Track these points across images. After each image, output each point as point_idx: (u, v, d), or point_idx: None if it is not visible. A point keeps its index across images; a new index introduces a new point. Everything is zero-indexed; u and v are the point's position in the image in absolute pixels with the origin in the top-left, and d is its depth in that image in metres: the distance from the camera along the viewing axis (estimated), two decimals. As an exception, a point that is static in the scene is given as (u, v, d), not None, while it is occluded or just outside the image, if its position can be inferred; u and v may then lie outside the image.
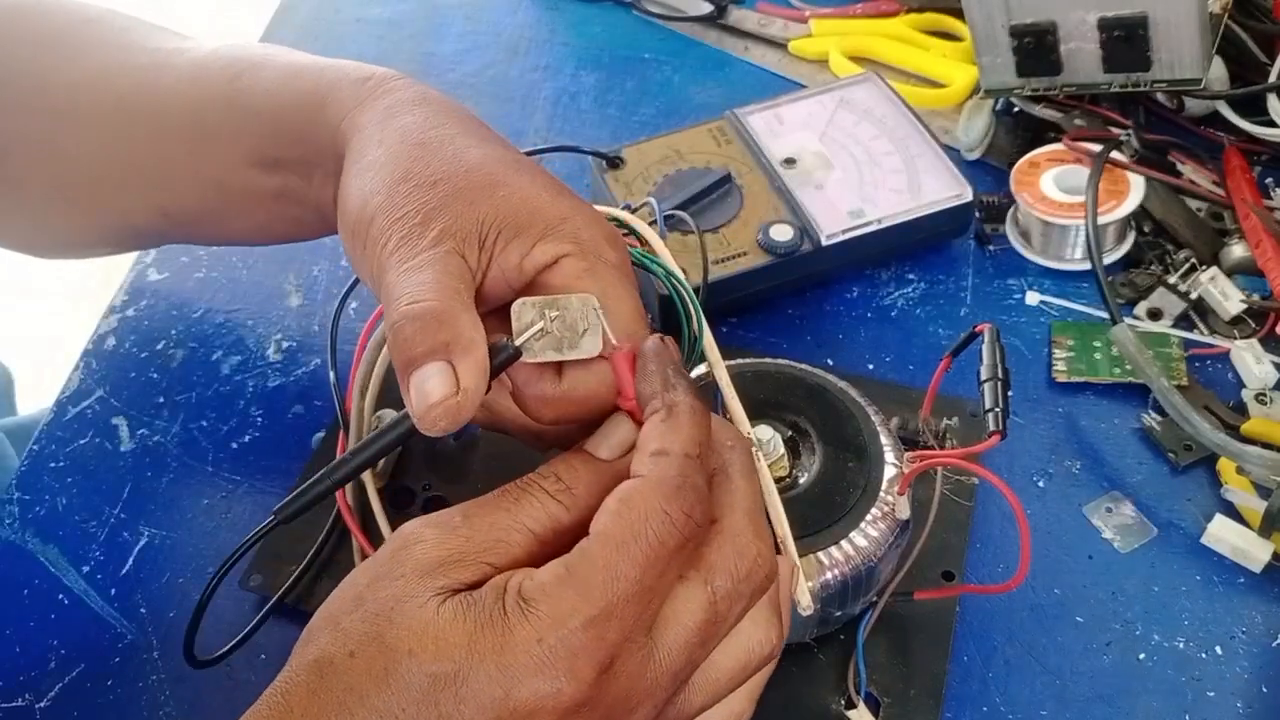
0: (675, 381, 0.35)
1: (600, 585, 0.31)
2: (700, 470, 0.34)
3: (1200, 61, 0.56)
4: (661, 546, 0.32)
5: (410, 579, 0.32)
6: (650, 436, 0.34)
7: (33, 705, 0.46)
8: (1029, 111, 0.63)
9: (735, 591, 0.33)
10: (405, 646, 0.31)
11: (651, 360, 0.36)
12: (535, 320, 0.36)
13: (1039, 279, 0.58)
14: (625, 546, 0.32)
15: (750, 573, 0.33)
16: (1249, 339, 0.53)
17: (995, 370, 0.42)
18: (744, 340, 0.57)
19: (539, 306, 0.37)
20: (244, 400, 0.56)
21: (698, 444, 0.34)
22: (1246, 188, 0.58)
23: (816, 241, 0.56)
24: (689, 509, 0.32)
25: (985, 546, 0.48)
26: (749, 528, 0.34)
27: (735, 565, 0.33)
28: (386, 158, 0.40)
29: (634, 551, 0.31)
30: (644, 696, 0.32)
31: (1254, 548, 0.47)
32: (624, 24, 0.77)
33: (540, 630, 0.30)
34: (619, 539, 0.32)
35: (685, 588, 0.33)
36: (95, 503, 0.52)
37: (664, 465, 0.33)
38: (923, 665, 0.44)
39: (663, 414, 0.34)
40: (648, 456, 0.33)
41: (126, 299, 0.61)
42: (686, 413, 0.34)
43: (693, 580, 0.33)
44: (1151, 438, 0.51)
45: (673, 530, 0.32)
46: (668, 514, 0.32)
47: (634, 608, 0.31)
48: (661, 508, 0.32)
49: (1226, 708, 0.43)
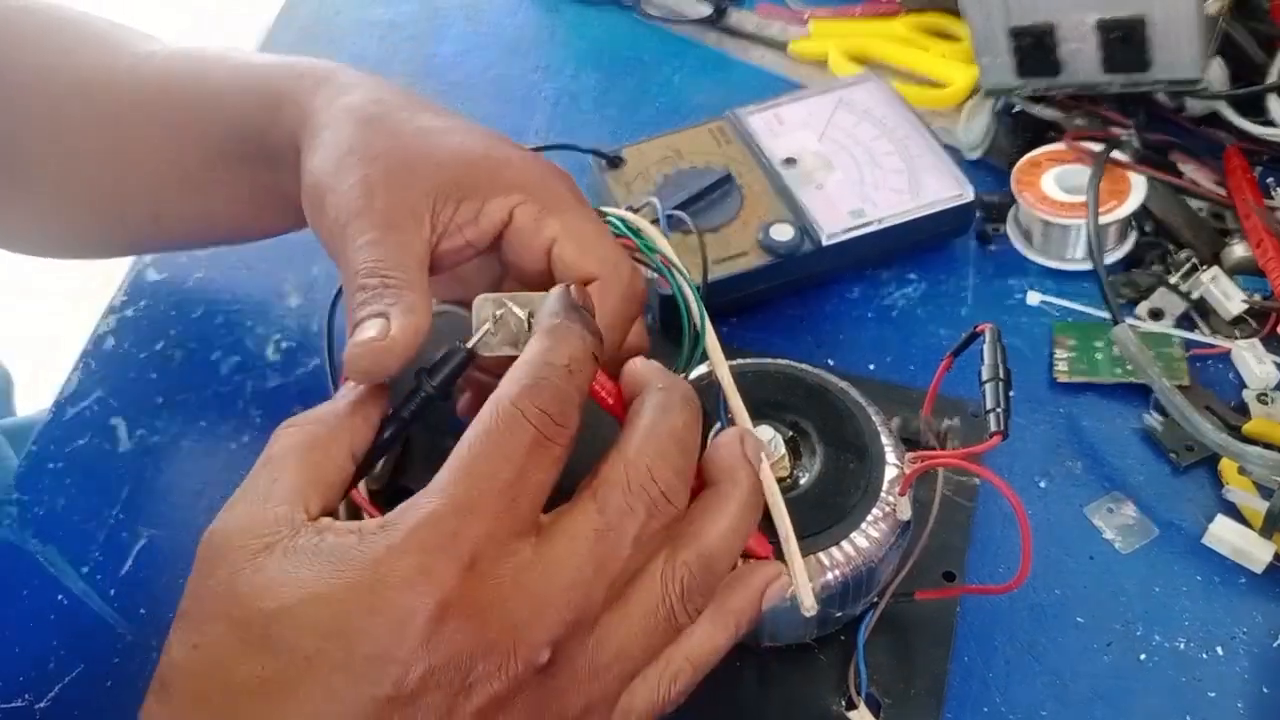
0: (564, 312, 0.35)
1: (452, 484, 0.31)
2: (569, 380, 0.33)
3: (1198, 62, 0.56)
4: (514, 440, 0.31)
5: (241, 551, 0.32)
6: (522, 356, 0.34)
7: (32, 705, 0.46)
8: (1029, 111, 0.63)
9: (625, 504, 0.32)
10: None
11: (552, 298, 0.36)
12: (489, 317, 0.37)
13: (1040, 279, 0.58)
14: (477, 444, 0.31)
15: (642, 485, 0.32)
16: (1250, 339, 0.53)
17: (996, 370, 0.41)
18: (744, 340, 0.56)
19: (496, 302, 0.37)
20: (243, 400, 0.56)
21: (568, 357, 0.33)
22: (1247, 187, 0.58)
23: (817, 241, 0.56)
24: (543, 405, 0.32)
25: (986, 547, 0.48)
26: (650, 445, 0.33)
27: (624, 476, 0.32)
28: (333, 137, 0.42)
29: (485, 447, 0.31)
30: (532, 613, 0.30)
31: (1255, 548, 0.47)
32: (624, 26, 0.77)
33: (392, 538, 0.30)
34: (470, 440, 0.32)
35: (573, 503, 0.32)
36: (95, 503, 0.52)
37: (522, 369, 0.33)
38: (923, 666, 0.44)
39: (540, 333, 0.34)
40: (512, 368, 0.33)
41: (126, 299, 0.61)
42: (561, 331, 0.34)
43: (581, 496, 0.33)
44: (1153, 438, 0.51)
45: (524, 424, 0.31)
46: (517, 408, 0.32)
47: (492, 502, 0.30)
48: (512, 403, 0.32)
49: (1227, 708, 0.43)
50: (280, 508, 0.32)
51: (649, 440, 0.34)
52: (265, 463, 0.34)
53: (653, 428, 0.34)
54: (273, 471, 0.33)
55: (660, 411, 0.35)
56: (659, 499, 0.33)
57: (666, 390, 0.35)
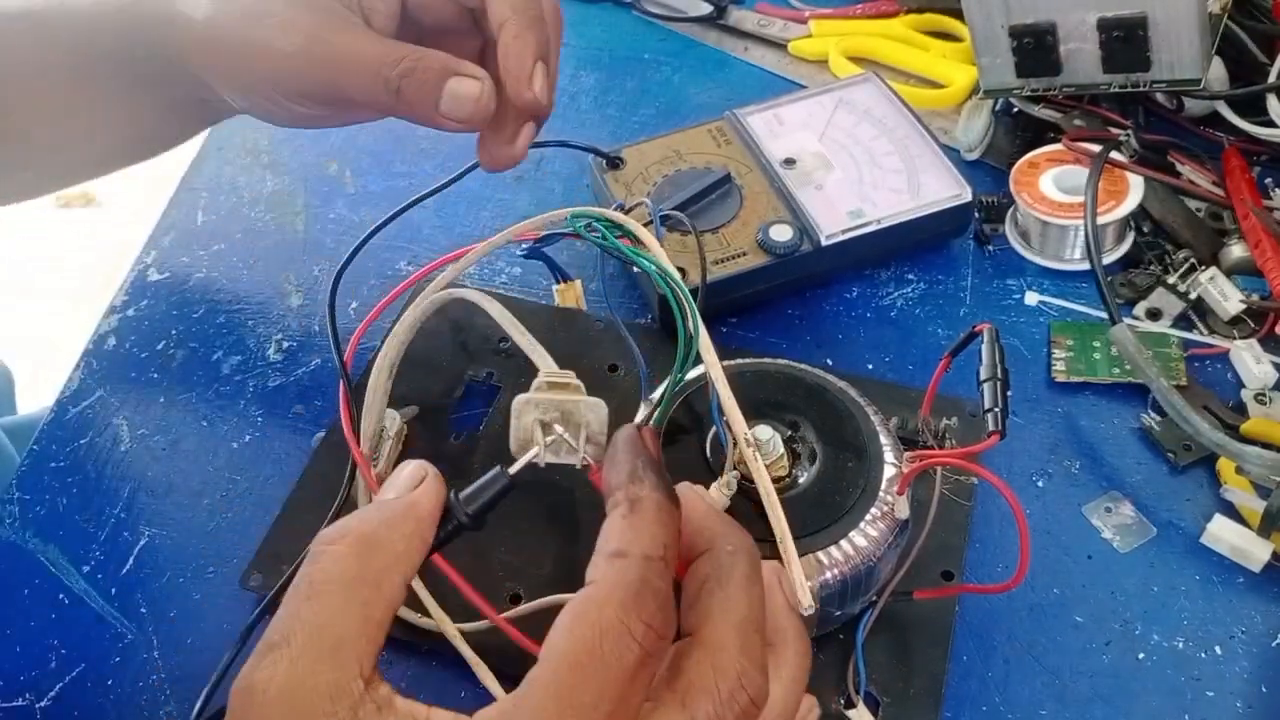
0: (644, 475, 0.32)
1: (550, 714, 0.27)
2: (665, 574, 0.30)
3: (1200, 62, 0.56)
4: (619, 664, 0.28)
5: None
6: (608, 536, 0.31)
7: (33, 705, 0.46)
8: (1028, 112, 0.63)
9: (716, 717, 0.29)
10: None
11: (622, 449, 0.33)
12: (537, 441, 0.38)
13: (1038, 279, 0.58)
14: (576, 667, 0.28)
15: (733, 694, 0.29)
16: (1248, 339, 0.53)
17: (995, 370, 0.42)
18: (744, 340, 0.57)
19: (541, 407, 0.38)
20: (244, 400, 0.56)
21: (662, 544, 0.30)
22: (1246, 188, 0.58)
23: (816, 241, 0.56)
24: (649, 618, 0.29)
25: (985, 546, 0.48)
26: (734, 641, 0.30)
27: (715, 684, 0.29)
28: None
29: (587, 672, 0.28)
30: None
31: (1253, 547, 0.47)
32: (624, 24, 0.77)
33: None
34: (569, 659, 0.28)
35: (658, 714, 0.29)
36: (95, 502, 0.52)
37: (620, 569, 0.29)
38: (922, 665, 0.44)
39: (624, 509, 0.31)
40: (604, 559, 0.30)
41: (127, 299, 0.61)
42: (651, 509, 0.31)
43: (667, 704, 0.29)
44: (1151, 438, 0.51)
45: (631, 644, 0.28)
46: (624, 625, 0.28)
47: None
48: (618, 618, 0.28)
49: (1226, 707, 0.43)
50: (333, 673, 0.28)
51: (734, 634, 0.30)
52: (309, 595, 0.30)
53: (734, 616, 0.31)
54: (319, 611, 0.29)
55: (738, 590, 0.31)
56: (748, 706, 0.30)
57: (735, 554, 0.32)
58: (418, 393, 0.53)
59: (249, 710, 0.28)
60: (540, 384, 0.40)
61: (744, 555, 0.32)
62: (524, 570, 0.46)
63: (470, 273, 0.60)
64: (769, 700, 0.31)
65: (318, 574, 0.30)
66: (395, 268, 0.61)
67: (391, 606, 0.30)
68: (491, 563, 0.47)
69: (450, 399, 0.54)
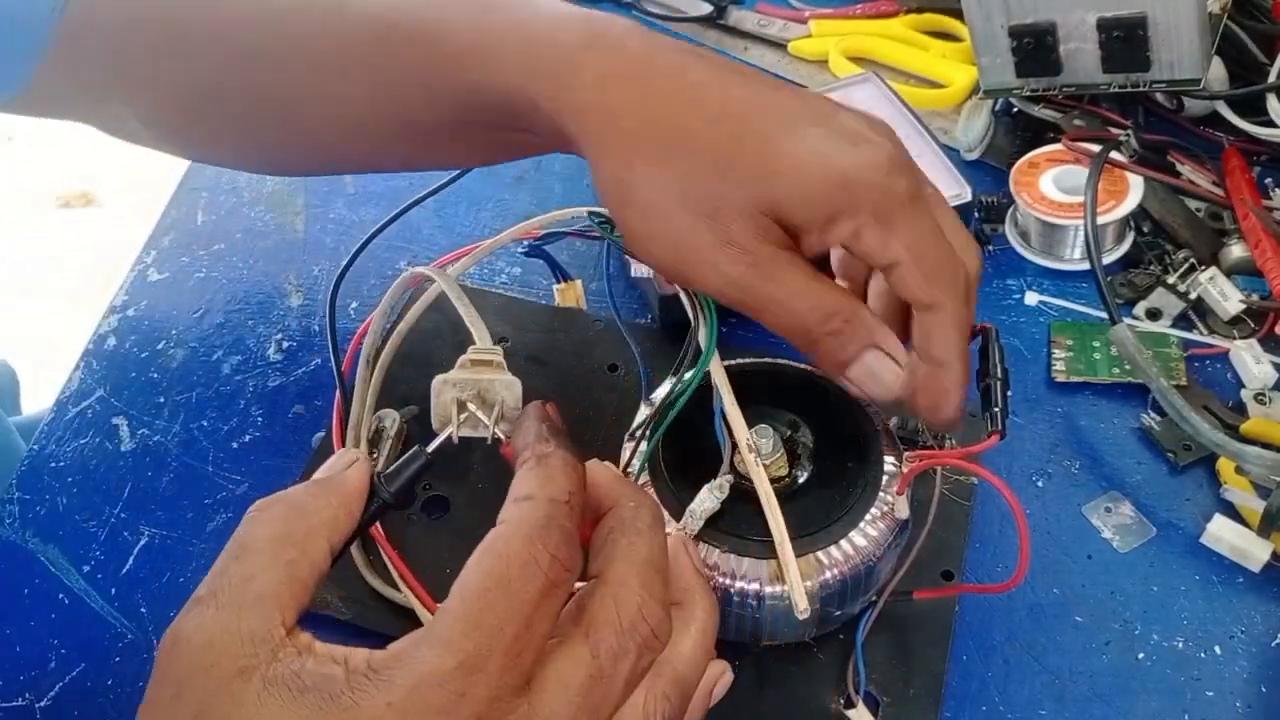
0: (549, 437, 0.34)
1: (459, 636, 0.29)
2: (570, 515, 0.32)
3: (1200, 62, 0.56)
4: (524, 590, 0.30)
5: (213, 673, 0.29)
6: (516, 484, 0.33)
7: (33, 705, 0.46)
8: (1028, 112, 0.63)
9: (618, 646, 0.31)
10: None
11: (528, 418, 0.36)
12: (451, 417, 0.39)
13: (1038, 279, 0.58)
14: (484, 593, 0.29)
15: (633, 624, 0.31)
16: (1248, 339, 0.53)
17: (995, 370, 0.42)
18: (744, 340, 0.57)
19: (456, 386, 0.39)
20: (244, 400, 0.56)
21: (567, 491, 0.32)
22: (1246, 188, 0.58)
23: (816, 241, 0.56)
24: (553, 548, 0.30)
25: (984, 546, 0.48)
26: (635, 578, 0.32)
27: (616, 616, 0.31)
28: (633, 142, 0.38)
29: (494, 597, 0.29)
30: None
31: (1253, 547, 0.47)
32: (624, 24, 0.77)
33: (391, 693, 0.28)
34: (478, 587, 0.30)
35: (564, 646, 0.31)
36: (96, 502, 0.52)
37: (527, 508, 0.32)
38: (922, 664, 0.44)
39: (531, 463, 0.33)
40: (512, 503, 0.32)
41: (127, 299, 0.61)
42: (557, 462, 0.33)
43: (572, 637, 0.31)
44: (1151, 437, 0.51)
45: (536, 572, 0.30)
46: (529, 555, 0.30)
47: (500, 658, 0.29)
48: (522, 550, 0.30)
49: (1226, 707, 0.43)
50: (255, 621, 0.30)
51: (635, 572, 0.32)
52: (237, 554, 0.31)
53: (635, 556, 0.33)
54: (245, 567, 0.31)
55: (639, 536, 0.34)
56: (649, 638, 0.32)
57: (638, 508, 0.34)
58: (418, 393, 0.53)
59: (173, 657, 0.29)
60: (464, 360, 0.40)
61: (645, 509, 0.35)
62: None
63: (471, 272, 0.60)
64: (678, 653, 0.33)
65: (246, 536, 0.32)
66: (395, 268, 0.61)
67: (316, 569, 0.32)
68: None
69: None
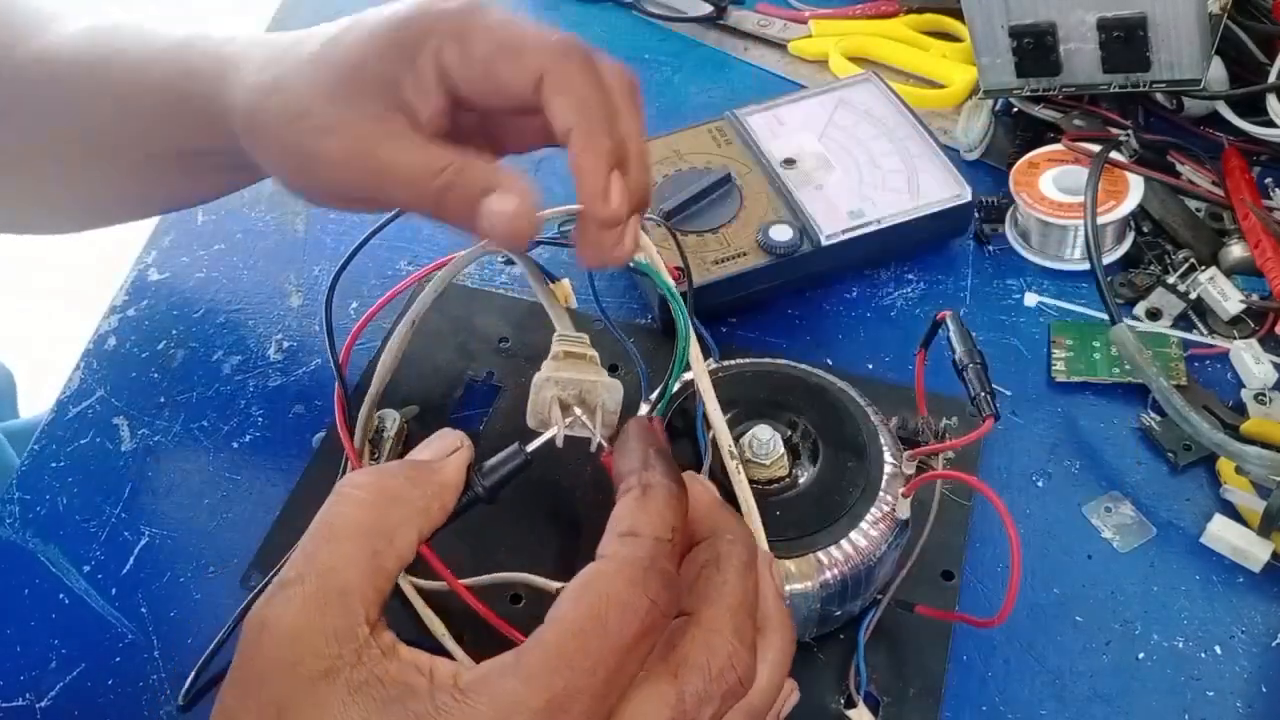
0: (654, 462, 0.33)
1: (549, 673, 0.28)
2: (672, 555, 0.32)
3: (1200, 62, 0.56)
4: (621, 634, 0.29)
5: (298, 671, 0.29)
6: (620, 516, 0.32)
7: (33, 705, 0.46)
8: (1028, 112, 0.63)
9: (705, 692, 0.30)
10: None
11: (632, 438, 0.34)
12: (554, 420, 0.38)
13: (1038, 279, 0.58)
14: (580, 634, 0.29)
15: (722, 671, 0.31)
16: (1248, 339, 0.53)
17: (970, 355, 0.42)
18: (744, 340, 0.57)
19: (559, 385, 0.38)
20: (244, 400, 0.56)
21: (671, 527, 0.32)
22: (1245, 188, 0.58)
23: (816, 241, 0.56)
24: (654, 594, 0.30)
25: (985, 545, 0.48)
26: (729, 624, 0.32)
27: (708, 662, 0.31)
28: None
29: (590, 639, 0.29)
30: None
31: (1253, 547, 0.47)
32: (624, 24, 0.77)
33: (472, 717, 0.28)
34: (574, 625, 0.29)
35: (650, 684, 0.30)
36: (96, 502, 0.52)
37: (631, 547, 0.31)
38: (922, 664, 0.44)
39: (636, 493, 0.32)
40: (615, 537, 0.31)
41: (127, 299, 0.61)
42: (662, 494, 0.32)
43: (659, 675, 0.30)
44: (1151, 437, 0.51)
45: (634, 617, 0.29)
46: (630, 599, 0.30)
47: (587, 701, 0.29)
48: (624, 592, 0.30)
49: (1226, 707, 0.43)
50: (339, 617, 0.30)
51: (729, 617, 0.32)
52: (327, 537, 0.31)
53: (730, 600, 0.32)
54: (333, 555, 0.31)
55: (735, 576, 0.33)
56: (735, 685, 0.31)
57: (734, 543, 0.34)
58: (418, 393, 0.53)
59: (259, 645, 0.30)
60: (557, 352, 0.39)
61: (741, 544, 0.34)
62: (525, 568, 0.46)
63: (469, 272, 0.60)
64: (756, 687, 0.32)
65: (336, 519, 0.32)
66: (395, 268, 0.61)
67: (402, 560, 0.32)
68: (492, 561, 0.47)
69: (450, 399, 0.54)
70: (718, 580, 0.33)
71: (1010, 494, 0.50)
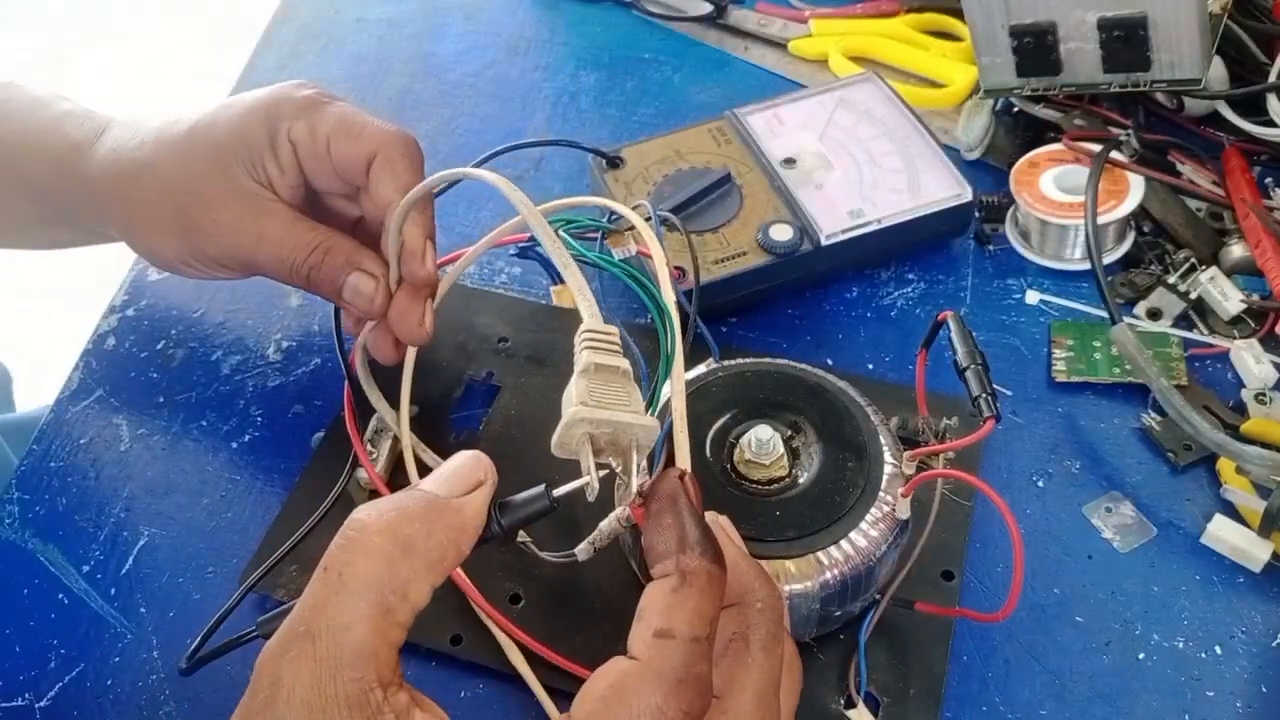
0: (693, 539, 0.32)
1: None
2: (707, 654, 0.31)
3: (1200, 61, 0.56)
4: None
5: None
6: (656, 609, 0.31)
7: (33, 705, 0.46)
8: (1029, 111, 0.63)
9: None
10: None
11: (668, 506, 0.33)
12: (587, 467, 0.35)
13: (1039, 279, 0.58)
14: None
15: None
16: (1249, 339, 0.53)
17: (971, 356, 0.42)
18: (744, 340, 0.57)
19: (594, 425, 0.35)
20: (244, 400, 0.56)
21: (708, 621, 0.31)
22: (1246, 188, 0.58)
23: (816, 241, 0.56)
24: (688, 705, 0.29)
25: (985, 546, 0.48)
26: (756, 712, 0.31)
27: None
28: None
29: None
30: None
31: (1253, 547, 0.47)
32: (624, 24, 0.77)
33: None
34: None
35: None
36: (95, 502, 0.52)
37: (667, 653, 0.30)
38: (922, 665, 0.44)
39: (674, 582, 0.31)
40: (651, 636, 0.30)
41: (126, 299, 0.61)
42: (701, 582, 0.31)
43: None
44: (1151, 437, 0.51)
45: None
46: (663, 711, 0.29)
47: None
48: (658, 705, 0.29)
49: (1226, 707, 0.43)
50: (353, 684, 0.29)
51: (757, 704, 0.31)
52: (336, 588, 0.30)
53: (758, 684, 0.32)
54: (344, 612, 0.30)
55: (762, 653, 0.32)
56: None
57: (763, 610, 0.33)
58: (418, 393, 0.53)
59: (274, 704, 0.29)
60: (587, 365, 0.36)
61: (769, 610, 0.33)
62: (524, 570, 0.46)
63: (469, 272, 0.60)
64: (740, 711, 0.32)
65: (346, 568, 0.31)
66: (395, 267, 0.61)
67: (415, 611, 0.31)
68: (491, 562, 0.47)
69: (450, 399, 0.54)
70: (746, 660, 0.32)
71: (1010, 494, 0.50)
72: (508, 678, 0.44)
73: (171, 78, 2.03)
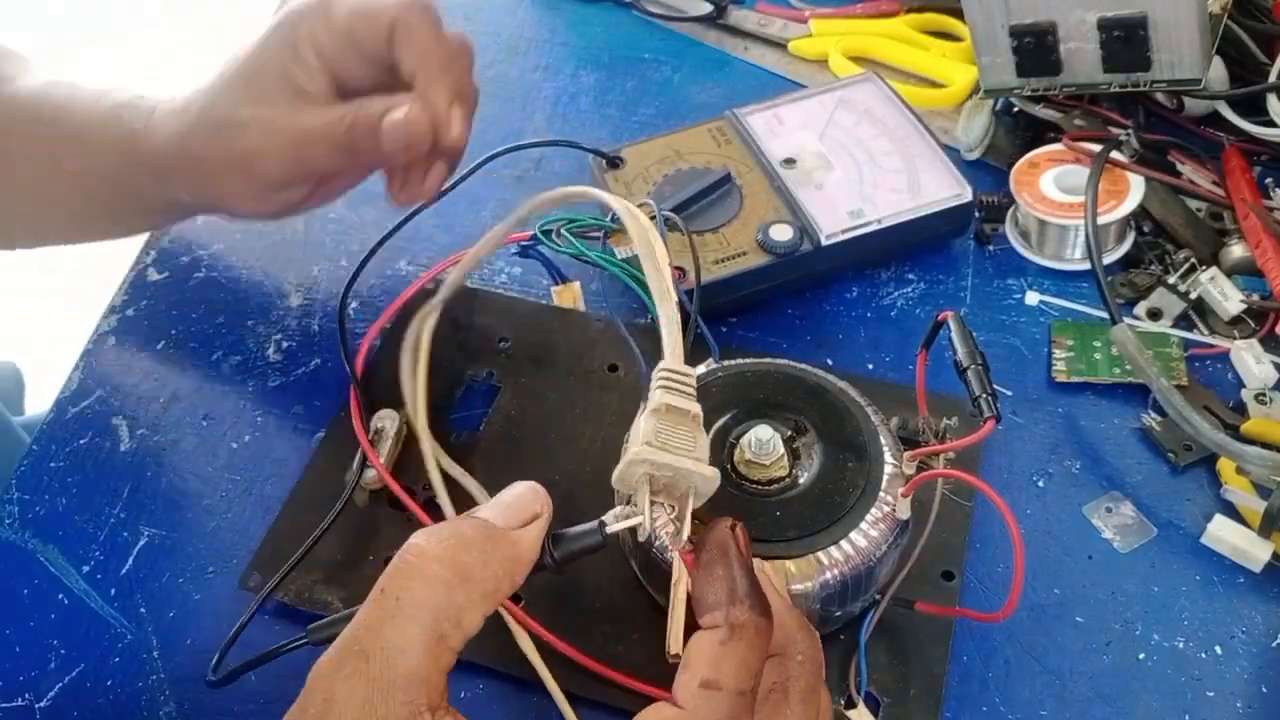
0: (743, 592, 0.33)
1: None
2: (750, 707, 0.31)
3: (1200, 61, 0.56)
4: None
5: None
6: (703, 658, 0.32)
7: (33, 705, 0.46)
8: (1029, 111, 0.63)
9: None
10: None
11: (719, 557, 0.34)
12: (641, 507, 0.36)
13: (1039, 279, 0.58)
14: None
15: None
16: (1249, 339, 0.53)
17: (972, 356, 0.42)
18: (744, 340, 0.57)
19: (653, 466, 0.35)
20: (244, 400, 0.56)
21: (754, 674, 0.31)
22: (1246, 188, 0.58)
23: (816, 241, 0.56)
24: None
25: (985, 546, 0.48)
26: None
27: None
28: None
29: None
30: None
31: (1254, 548, 0.47)
32: (624, 24, 0.77)
33: None
34: None
35: None
36: (95, 503, 0.52)
37: (713, 704, 0.31)
38: (923, 665, 0.44)
39: (723, 634, 0.32)
40: (697, 686, 0.31)
41: (126, 299, 0.61)
42: (749, 635, 0.32)
43: None
44: (1151, 438, 0.51)
45: None
46: None
47: None
48: None
49: (1226, 707, 0.43)
50: (404, 708, 0.30)
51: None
52: (393, 612, 0.31)
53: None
54: (399, 635, 0.31)
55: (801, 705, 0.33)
56: None
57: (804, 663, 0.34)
58: (418, 393, 0.53)
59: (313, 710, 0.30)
60: (659, 405, 0.37)
61: (810, 665, 0.34)
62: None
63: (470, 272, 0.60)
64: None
65: (404, 593, 0.31)
66: (395, 267, 0.61)
67: (467, 638, 0.32)
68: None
69: (450, 399, 0.54)
70: (785, 711, 0.33)
71: (1010, 494, 0.50)
72: (509, 678, 0.44)
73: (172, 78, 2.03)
